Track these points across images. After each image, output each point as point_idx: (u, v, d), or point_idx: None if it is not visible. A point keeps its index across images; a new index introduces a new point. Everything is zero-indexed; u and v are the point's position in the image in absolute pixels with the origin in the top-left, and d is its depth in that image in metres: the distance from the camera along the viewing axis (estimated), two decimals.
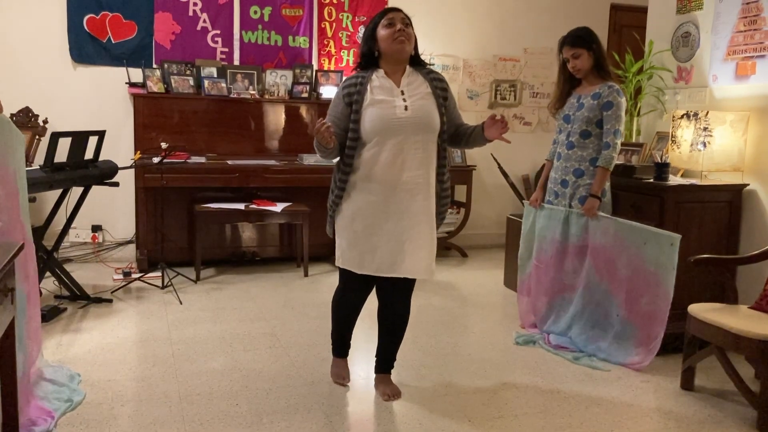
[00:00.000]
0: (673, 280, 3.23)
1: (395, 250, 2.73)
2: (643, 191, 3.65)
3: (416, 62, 2.84)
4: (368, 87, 2.73)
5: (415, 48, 2.82)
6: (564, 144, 3.63)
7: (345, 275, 2.91)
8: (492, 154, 5.71)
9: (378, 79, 2.75)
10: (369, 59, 2.79)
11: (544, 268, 3.75)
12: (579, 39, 3.52)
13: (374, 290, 2.96)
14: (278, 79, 5.49)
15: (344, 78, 2.86)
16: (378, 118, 2.68)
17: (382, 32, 2.72)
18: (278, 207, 4.95)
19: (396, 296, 2.90)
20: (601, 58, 3.52)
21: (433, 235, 2.81)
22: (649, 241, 3.28)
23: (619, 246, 3.39)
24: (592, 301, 3.54)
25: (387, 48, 2.72)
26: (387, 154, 2.69)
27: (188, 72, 5.28)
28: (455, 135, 2.89)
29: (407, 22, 2.74)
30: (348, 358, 3.11)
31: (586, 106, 3.51)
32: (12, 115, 4.79)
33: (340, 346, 3.12)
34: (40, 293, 4.06)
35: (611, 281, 3.45)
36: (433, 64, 2.93)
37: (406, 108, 2.70)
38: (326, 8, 5.72)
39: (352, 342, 3.04)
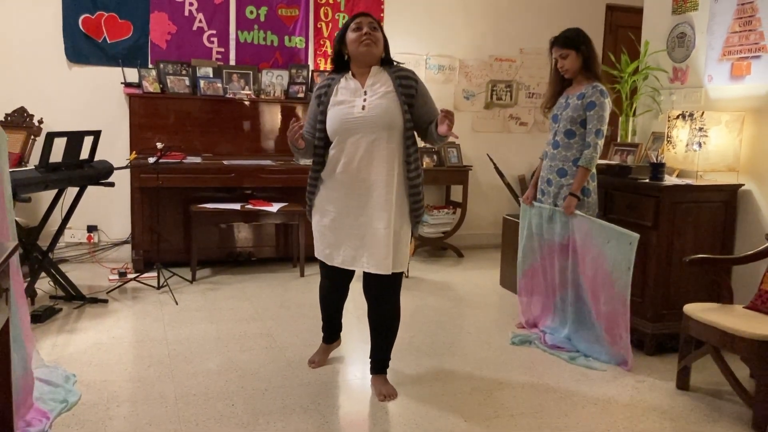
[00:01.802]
0: (628, 281, 3.25)
1: (356, 245, 2.85)
2: (639, 191, 3.66)
3: (387, 63, 2.93)
4: (335, 89, 2.88)
5: (387, 50, 2.92)
6: (551, 143, 3.68)
7: (321, 264, 3.06)
8: (488, 155, 5.71)
9: (345, 80, 2.89)
10: (339, 62, 2.94)
11: (542, 266, 3.78)
12: (567, 40, 3.55)
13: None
14: (274, 80, 5.49)
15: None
16: (336, 118, 2.82)
17: (350, 35, 2.86)
18: (274, 207, 4.95)
19: (379, 295, 2.94)
20: (590, 59, 3.55)
21: (391, 231, 2.81)
22: (611, 239, 3.32)
23: (589, 244, 3.44)
24: (579, 299, 3.57)
25: (354, 51, 2.85)
26: (346, 152, 2.82)
27: (184, 72, 5.27)
28: (426, 132, 2.92)
29: (375, 26, 2.86)
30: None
31: (571, 105, 3.55)
32: (7, 115, 4.78)
33: (324, 331, 3.29)
34: (35, 293, 4.08)
35: (585, 279, 3.49)
36: (401, 64, 2.97)
37: (363, 108, 2.80)
38: (322, 8, 5.72)
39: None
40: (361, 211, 2.83)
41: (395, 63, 2.94)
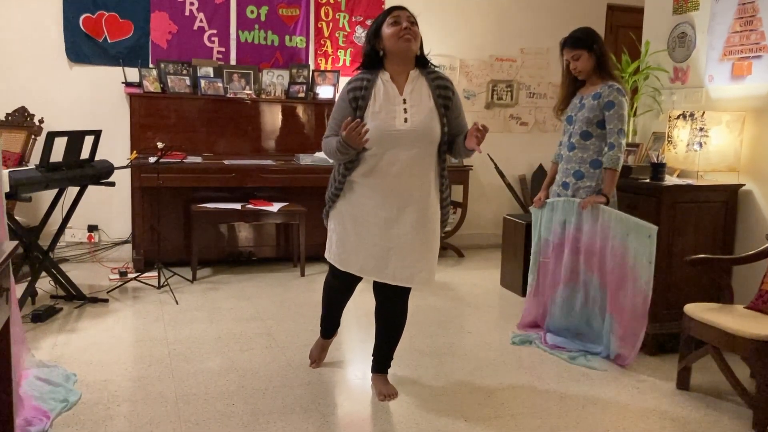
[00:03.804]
0: (649, 275, 3.23)
1: (379, 256, 2.76)
2: (640, 191, 3.65)
3: (422, 63, 2.81)
4: (372, 92, 2.71)
5: (421, 48, 2.79)
6: (566, 145, 3.61)
7: (332, 265, 2.97)
8: (489, 155, 5.71)
9: (382, 83, 2.73)
10: (372, 59, 2.77)
11: (549, 262, 3.73)
12: (578, 40, 3.49)
13: (371, 288, 2.97)
14: (275, 79, 5.49)
15: (349, 79, 2.83)
16: (376, 129, 2.66)
17: (387, 30, 2.70)
18: (275, 207, 4.95)
19: (392, 297, 2.91)
20: (602, 58, 3.48)
21: (426, 246, 2.78)
22: (631, 232, 3.30)
23: (606, 237, 3.40)
24: (589, 299, 3.54)
25: (392, 46, 2.70)
26: (384, 163, 2.70)
27: (185, 72, 5.27)
28: (451, 144, 2.83)
29: (413, 20, 2.72)
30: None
31: (587, 106, 3.49)
32: (7, 115, 4.78)
33: (324, 326, 3.21)
34: (36, 293, 4.08)
35: (601, 274, 3.46)
36: (437, 67, 2.89)
37: (405, 120, 2.68)
38: (323, 8, 5.72)
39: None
40: (392, 224, 2.73)
41: (430, 64, 2.83)
